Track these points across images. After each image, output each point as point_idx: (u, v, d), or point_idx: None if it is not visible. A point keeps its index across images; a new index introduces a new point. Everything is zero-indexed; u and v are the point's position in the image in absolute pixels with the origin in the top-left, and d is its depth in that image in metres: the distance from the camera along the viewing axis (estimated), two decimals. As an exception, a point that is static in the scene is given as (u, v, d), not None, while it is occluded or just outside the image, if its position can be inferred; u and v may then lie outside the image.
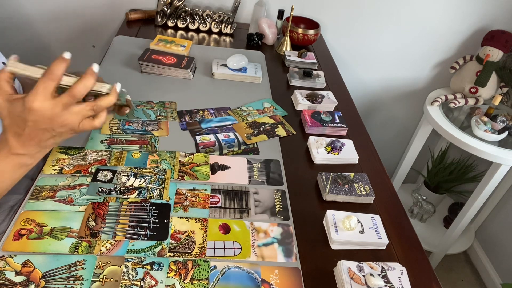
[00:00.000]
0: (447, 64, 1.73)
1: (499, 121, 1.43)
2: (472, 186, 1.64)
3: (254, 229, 0.72)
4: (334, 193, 0.81)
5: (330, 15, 1.60)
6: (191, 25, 1.44)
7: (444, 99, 1.58)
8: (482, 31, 1.61)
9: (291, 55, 1.33)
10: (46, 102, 0.58)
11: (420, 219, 1.92)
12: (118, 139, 0.87)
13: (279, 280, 0.64)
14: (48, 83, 0.58)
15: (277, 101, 1.10)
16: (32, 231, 0.65)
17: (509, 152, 1.38)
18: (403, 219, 0.82)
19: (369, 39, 1.67)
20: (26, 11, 1.54)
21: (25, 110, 0.58)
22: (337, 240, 0.71)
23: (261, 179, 0.83)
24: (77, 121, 0.63)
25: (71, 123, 0.62)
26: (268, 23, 1.43)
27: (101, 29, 1.60)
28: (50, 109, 0.59)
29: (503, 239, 1.76)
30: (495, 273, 1.78)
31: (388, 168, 1.88)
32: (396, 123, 1.95)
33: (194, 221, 0.72)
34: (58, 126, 0.61)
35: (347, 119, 1.08)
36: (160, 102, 1.00)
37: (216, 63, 1.19)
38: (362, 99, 1.84)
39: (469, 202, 1.56)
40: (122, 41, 1.27)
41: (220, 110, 1.02)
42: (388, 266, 0.67)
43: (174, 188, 0.77)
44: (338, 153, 0.92)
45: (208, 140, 0.91)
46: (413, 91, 1.84)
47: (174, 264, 0.64)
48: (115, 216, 0.70)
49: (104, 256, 0.63)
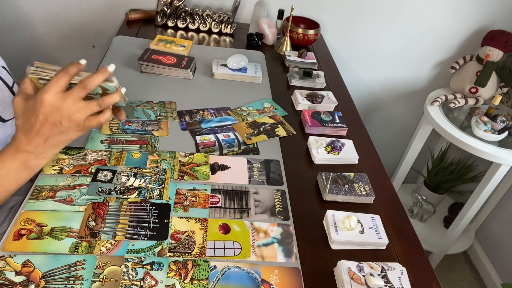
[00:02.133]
0: (447, 64, 1.73)
1: (499, 121, 1.43)
2: (472, 186, 1.64)
3: (254, 229, 0.72)
4: (334, 193, 0.81)
5: (330, 15, 1.60)
6: (191, 25, 1.44)
7: (444, 99, 1.58)
8: (482, 31, 1.61)
9: (291, 55, 1.33)
10: (57, 94, 0.62)
11: (420, 219, 1.92)
12: (118, 139, 0.87)
13: (279, 280, 0.64)
14: (61, 79, 0.62)
15: (277, 101, 1.10)
16: (32, 231, 0.65)
17: (509, 152, 1.38)
18: (403, 219, 0.82)
19: (369, 39, 1.67)
20: (26, 11, 1.54)
21: (36, 103, 0.62)
22: (337, 240, 0.71)
23: (261, 179, 0.83)
24: (83, 116, 0.65)
25: (78, 118, 0.65)
26: (268, 23, 1.43)
27: (101, 29, 1.60)
28: (61, 100, 0.63)
29: (503, 239, 1.76)
30: (495, 273, 1.78)
31: (388, 168, 1.88)
32: (396, 123, 1.95)
33: (194, 221, 0.72)
34: (66, 120, 0.64)
35: (347, 119, 1.08)
36: (160, 102, 1.00)
37: (216, 63, 1.19)
38: (362, 99, 1.84)
39: (469, 202, 1.56)
40: (122, 41, 1.27)
41: (220, 110, 1.02)
42: (388, 266, 0.67)
43: (174, 188, 0.77)
44: (338, 153, 0.92)
45: (208, 140, 0.91)
46: (413, 91, 1.84)
47: (174, 264, 0.64)
48: (115, 216, 0.70)
49: (104, 256, 0.63)
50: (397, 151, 2.03)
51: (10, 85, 0.82)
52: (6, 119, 0.79)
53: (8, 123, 0.80)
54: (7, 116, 0.80)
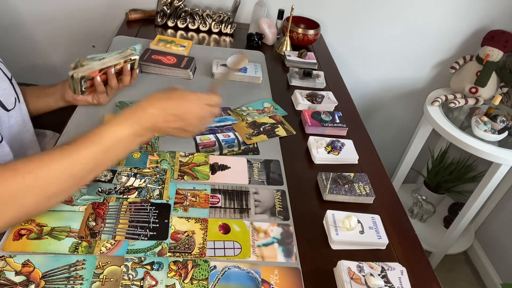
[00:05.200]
0: (447, 64, 1.73)
1: (499, 121, 1.43)
2: (472, 186, 1.63)
3: (254, 229, 0.72)
4: (334, 193, 0.81)
5: (330, 15, 1.60)
6: (191, 25, 1.44)
7: (444, 99, 1.58)
8: (482, 31, 1.61)
9: (291, 55, 1.33)
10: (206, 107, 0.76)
11: (420, 219, 1.92)
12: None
13: (279, 280, 0.64)
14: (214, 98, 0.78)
15: (277, 101, 1.10)
16: (32, 231, 0.65)
17: (509, 152, 1.38)
18: (403, 219, 0.82)
19: (369, 39, 1.67)
20: (26, 10, 1.54)
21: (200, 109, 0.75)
22: (337, 240, 0.71)
23: (261, 179, 0.83)
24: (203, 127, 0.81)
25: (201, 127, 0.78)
26: (268, 23, 1.43)
27: (101, 29, 1.60)
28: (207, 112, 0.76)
29: (503, 239, 1.76)
30: (495, 273, 1.78)
31: (388, 168, 1.88)
32: (396, 123, 1.95)
33: (194, 221, 0.72)
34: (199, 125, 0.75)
35: (347, 119, 1.08)
36: (160, 102, 1.00)
37: (216, 63, 1.19)
38: (362, 99, 1.84)
39: (469, 202, 1.56)
40: (122, 41, 1.27)
41: (220, 110, 1.01)
42: (388, 266, 0.67)
43: (174, 188, 0.77)
44: (338, 153, 0.92)
45: (208, 140, 0.91)
46: (413, 91, 1.84)
47: (174, 264, 0.64)
48: (115, 216, 0.70)
49: (104, 256, 0.63)
50: (397, 151, 2.03)
51: (9, 77, 0.83)
52: (10, 109, 0.81)
53: (11, 112, 0.82)
54: (10, 105, 0.81)
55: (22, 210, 0.59)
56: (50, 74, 1.70)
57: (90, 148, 0.63)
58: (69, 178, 0.61)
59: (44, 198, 0.60)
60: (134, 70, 0.95)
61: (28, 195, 0.58)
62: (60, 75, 1.46)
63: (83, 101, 0.93)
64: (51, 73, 1.70)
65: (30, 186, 0.57)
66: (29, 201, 0.58)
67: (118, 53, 0.91)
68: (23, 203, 0.58)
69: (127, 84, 0.95)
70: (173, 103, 0.71)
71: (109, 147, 0.64)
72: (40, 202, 0.60)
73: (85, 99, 0.93)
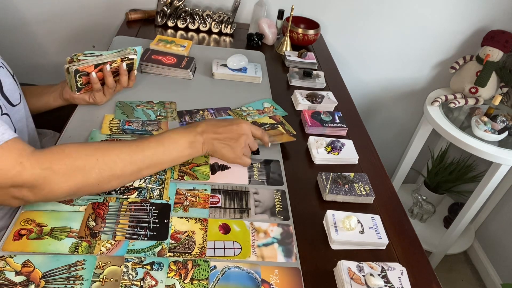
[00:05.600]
0: (447, 64, 1.73)
1: (499, 121, 1.43)
2: (472, 186, 1.64)
3: (254, 229, 0.72)
4: (334, 193, 0.81)
5: (330, 15, 1.60)
6: (191, 25, 1.44)
7: (444, 99, 1.58)
8: (482, 31, 1.61)
9: (291, 55, 1.33)
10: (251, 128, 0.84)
11: (420, 219, 1.92)
12: (118, 139, 0.86)
13: (279, 280, 0.64)
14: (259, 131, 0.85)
15: (277, 101, 1.10)
16: (32, 231, 0.65)
17: (509, 152, 1.38)
18: (403, 219, 0.82)
19: (369, 39, 1.67)
20: (26, 10, 1.54)
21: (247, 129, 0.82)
22: (337, 240, 0.71)
23: (261, 179, 0.83)
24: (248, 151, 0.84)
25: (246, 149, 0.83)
26: (268, 23, 1.43)
27: (101, 29, 1.60)
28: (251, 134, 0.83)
29: (503, 239, 1.76)
30: (495, 273, 1.78)
31: (388, 168, 1.88)
32: (396, 123, 1.95)
33: (194, 221, 0.72)
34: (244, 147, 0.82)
35: (347, 119, 1.08)
36: (160, 102, 1.00)
37: (216, 63, 1.19)
38: (362, 99, 1.84)
39: (469, 202, 1.56)
40: (122, 41, 1.27)
41: (220, 110, 1.02)
42: (388, 266, 0.67)
43: (174, 188, 0.77)
44: (338, 153, 0.92)
45: (208, 140, 0.91)
46: (413, 91, 1.84)
47: (174, 264, 0.64)
48: (115, 216, 0.70)
49: (104, 256, 0.63)
50: (397, 151, 2.03)
51: (12, 74, 0.85)
52: (15, 104, 0.82)
53: (16, 107, 0.83)
54: (15, 101, 0.83)
55: (86, 182, 0.66)
56: (50, 74, 1.70)
57: (151, 145, 0.73)
58: (131, 164, 0.70)
59: (107, 177, 0.68)
60: (132, 72, 0.95)
61: (95, 169, 0.66)
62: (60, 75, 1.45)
63: (80, 100, 0.93)
64: (51, 73, 1.70)
65: (99, 162, 0.66)
66: (94, 176, 0.66)
67: (116, 51, 0.91)
68: (88, 176, 0.66)
69: (125, 85, 0.95)
70: (223, 121, 0.82)
71: (166, 148, 0.74)
72: (102, 179, 0.67)
73: (81, 97, 0.93)
